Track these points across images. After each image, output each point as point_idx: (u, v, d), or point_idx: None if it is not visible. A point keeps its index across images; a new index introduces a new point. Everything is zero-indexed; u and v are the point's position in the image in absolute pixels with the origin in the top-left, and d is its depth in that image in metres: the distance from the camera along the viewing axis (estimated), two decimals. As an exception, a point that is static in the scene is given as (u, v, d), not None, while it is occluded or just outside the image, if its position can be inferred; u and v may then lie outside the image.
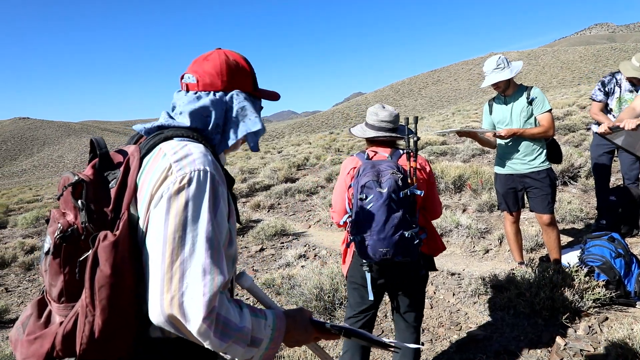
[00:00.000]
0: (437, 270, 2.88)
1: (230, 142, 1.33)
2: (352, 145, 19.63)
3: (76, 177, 1.12)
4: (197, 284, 1.02)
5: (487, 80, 4.05)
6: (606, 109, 5.06)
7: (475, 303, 4.09)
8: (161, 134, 1.24)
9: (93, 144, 1.22)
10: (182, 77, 1.37)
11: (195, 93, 1.31)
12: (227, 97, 1.33)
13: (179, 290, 1.01)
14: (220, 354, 1.17)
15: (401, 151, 2.61)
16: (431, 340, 3.60)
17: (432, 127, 20.72)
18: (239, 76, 1.36)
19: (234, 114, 1.32)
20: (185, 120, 1.28)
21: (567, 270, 3.74)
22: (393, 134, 2.65)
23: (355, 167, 2.54)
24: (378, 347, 1.43)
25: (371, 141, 2.74)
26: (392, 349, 1.43)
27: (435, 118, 32.73)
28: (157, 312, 1.02)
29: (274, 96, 1.51)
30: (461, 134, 4.13)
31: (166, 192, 1.08)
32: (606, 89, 5.01)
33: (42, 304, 1.21)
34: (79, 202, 1.10)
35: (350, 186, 2.50)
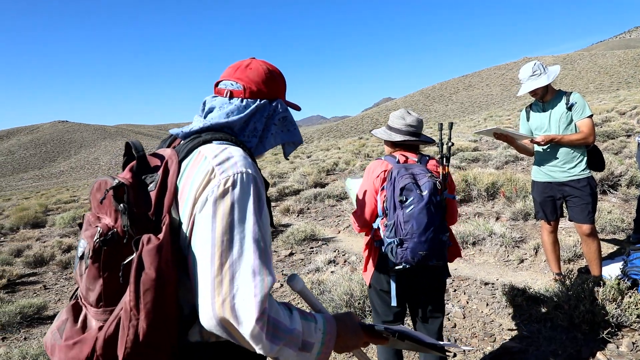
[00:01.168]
0: (450, 276, 2.85)
1: (268, 148, 1.38)
2: (381, 150, 19.49)
3: (116, 181, 1.11)
4: (248, 286, 1.01)
5: (524, 88, 3.95)
6: None
7: (509, 314, 3.97)
8: (199, 137, 1.25)
9: (129, 147, 1.22)
10: (217, 84, 1.40)
11: (242, 100, 1.35)
12: (272, 106, 1.40)
13: (230, 293, 1.00)
14: None
15: (427, 157, 2.63)
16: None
17: (463, 133, 20.40)
18: (279, 85, 1.43)
19: (275, 122, 1.39)
20: (224, 124, 1.30)
21: (608, 282, 3.59)
22: (419, 139, 2.65)
23: (386, 170, 2.51)
24: (433, 351, 1.32)
25: (395, 145, 2.71)
26: (449, 352, 1.39)
27: (467, 124, 32.23)
28: (208, 316, 1.01)
29: (296, 107, 1.55)
30: (498, 135, 4.03)
31: (211, 195, 1.08)
32: None
33: (76, 309, 1.20)
34: (121, 205, 1.09)
35: (382, 189, 2.48)
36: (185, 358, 1.13)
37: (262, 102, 1.38)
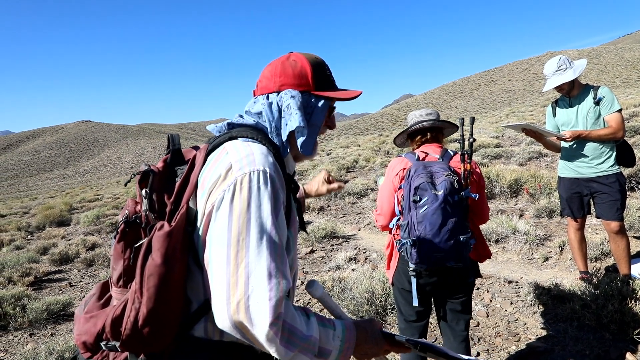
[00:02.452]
0: (482, 277, 2.77)
1: (286, 143, 1.30)
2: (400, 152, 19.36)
3: (146, 167, 1.18)
4: (263, 288, 0.99)
5: (549, 84, 3.86)
6: None
7: (534, 313, 3.89)
8: (228, 133, 1.25)
9: (169, 140, 1.27)
10: None
11: (255, 97, 1.34)
12: (278, 98, 1.30)
13: (245, 294, 0.98)
14: None
15: (451, 152, 2.54)
16: (487, 350, 3.46)
17: (485, 129, 20.10)
18: (294, 75, 1.31)
19: (283, 115, 1.29)
20: (251, 121, 1.30)
21: (638, 281, 3.49)
22: (437, 121, 2.61)
23: (405, 168, 2.46)
24: None
25: (414, 137, 2.68)
26: None
27: (488, 120, 31.76)
28: (223, 317, 0.99)
29: (346, 95, 1.36)
30: (526, 131, 3.96)
31: (228, 192, 1.06)
32: None
33: (105, 286, 1.26)
34: (144, 190, 1.16)
35: (400, 187, 2.43)
36: (185, 352, 1.13)
37: (271, 96, 1.31)
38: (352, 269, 5.49)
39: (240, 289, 0.99)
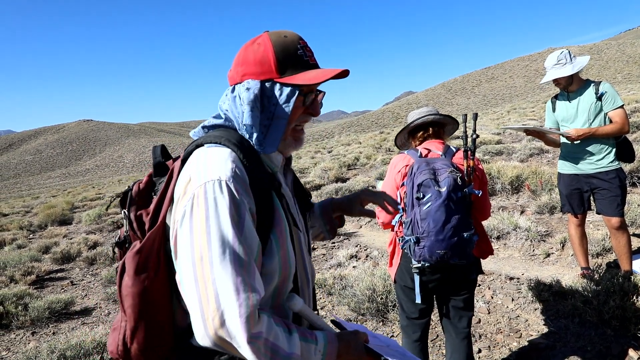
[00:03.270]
0: (484, 274, 2.76)
1: (259, 141, 1.17)
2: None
3: (127, 188, 1.19)
4: (232, 305, 0.96)
5: (546, 77, 3.86)
6: None
7: (536, 309, 3.89)
8: (198, 140, 1.20)
9: (153, 153, 1.26)
10: None
11: (227, 90, 1.24)
12: (240, 87, 1.18)
13: (218, 310, 0.96)
14: None
15: (454, 149, 2.53)
16: (489, 347, 3.46)
17: (487, 126, 20.06)
18: (255, 63, 1.17)
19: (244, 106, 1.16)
20: (221, 121, 1.23)
21: (639, 277, 3.48)
22: (438, 115, 2.60)
23: (407, 165, 2.45)
24: None
25: (415, 133, 2.68)
26: None
27: (490, 116, 31.70)
28: (202, 335, 0.98)
29: (316, 78, 1.17)
30: (528, 132, 3.95)
31: (187, 207, 1.03)
32: None
33: None
34: (123, 212, 1.16)
35: (402, 184, 2.43)
36: (187, 357, 1.14)
37: (236, 87, 1.19)
38: (353, 267, 5.49)
39: (212, 306, 0.96)
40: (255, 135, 1.16)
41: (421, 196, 2.23)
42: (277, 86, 1.17)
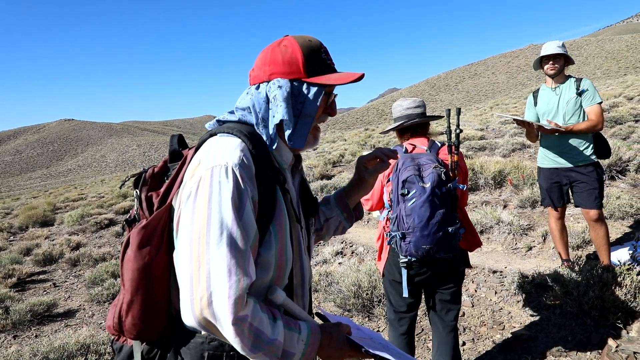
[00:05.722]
0: (471, 267, 2.80)
1: (274, 136, 1.23)
2: (387, 141, 19.42)
3: (141, 169, 1.26)
4: (223, 286, 0.99)
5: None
6: None
7: (518, 302, 3.96)
8: (212, 130, 1.26)
9: (170, 142, 1.32)
10: None
11: (249, 88, 1.29)
12: (267, 88, 1.23)
13: (207, 291, 0.99)
14: None
15: (439, 143, 2.55)
16: (473, 339, 3.51)
17: (470, 122, 20.24)
18: (283, 63, 1.23)
19: (270, 106, 1.23)
20: (236, 116, 1.28)
21: (617, 268, 3.56)
22: (425, 117, 2.61)
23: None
24: None
25: (404, 132, 2.69)
26: None
27: (473, 112, 31.99)
28: (188, 314, 1.01)
29: (342, 79, 1.25)
30: (518, 122, 4.02)
31: (193, 188, 1.07)
32: None
33: None
34: (135, 191, 1.23)
35: (388, 180, 2.45)
36: (181, 338, 1.17)
37: (261, 86, 1.25)
38: (339, 263, 5.52)
39: (202, 286, 0.99)
40: (288, 131, 1.22)
41: (406, 192, 2.26)
42: (305, 85, 1.24)
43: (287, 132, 1.22)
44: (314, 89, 1.24)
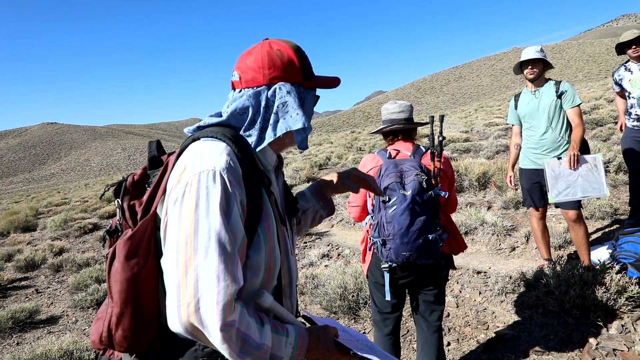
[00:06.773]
0: (456, 269, 2.83)
1: (267, 141, 1.22)
2: (373, 143, 19.52)
3: (121, 178, 1.23)
4: (211, 292, 0.98)
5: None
6: (627, 97, 4.91)
7: (502, 302, 4.01)
8: (194, 135, 1.23)
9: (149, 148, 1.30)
10: None
11: (240, 91, 1.26)
12: (269, 92, 1.23)
13: (195, 297, 0.98)
14: None
15: (423, 148, 2.57)
16: (457, 339, 3.54)
17: (455, 124, 20.46)
18: (283, 67, 1.24)
19: (274, 110, 1.22)
20: (221, 119, 1.25)
21: (597, 267, 3.63)
22: (408, 123, 2.61)
23: (376, 167, 2.50)
24: None
25: (388, 135, 2.70)
26: None
27: (458, 115, 32.32)
28: (175, 320, 0.99)
29: (330, 83, 1.33)
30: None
31: (179, 194, 1.06)
32: (617, 78, 4.93)
33: None
34: (116, 201, 1.20)
35: None
36: (172, 349, 1.15)
37: (257, 89, 1.23)
38: (325, 266, 5.52)
39: (189, 292, 0.98)
40: (300, 136, 1.26)
41: (387, 199, 2.27)
42: (302, 89, 1.28)
43: (299, 137, 1.25)
44: (311, 93, 1.30)
